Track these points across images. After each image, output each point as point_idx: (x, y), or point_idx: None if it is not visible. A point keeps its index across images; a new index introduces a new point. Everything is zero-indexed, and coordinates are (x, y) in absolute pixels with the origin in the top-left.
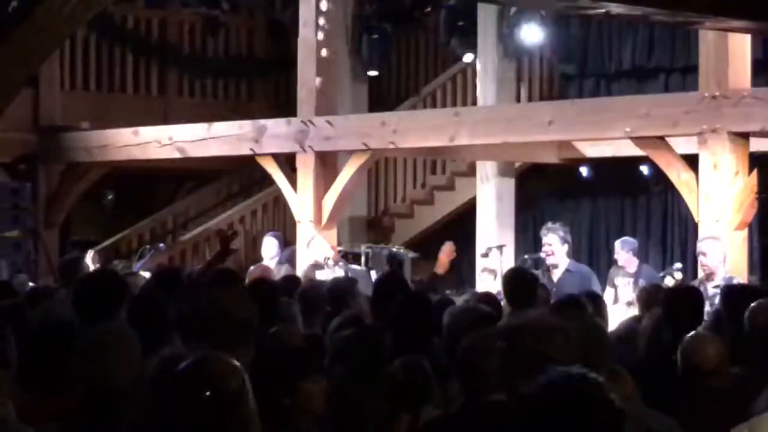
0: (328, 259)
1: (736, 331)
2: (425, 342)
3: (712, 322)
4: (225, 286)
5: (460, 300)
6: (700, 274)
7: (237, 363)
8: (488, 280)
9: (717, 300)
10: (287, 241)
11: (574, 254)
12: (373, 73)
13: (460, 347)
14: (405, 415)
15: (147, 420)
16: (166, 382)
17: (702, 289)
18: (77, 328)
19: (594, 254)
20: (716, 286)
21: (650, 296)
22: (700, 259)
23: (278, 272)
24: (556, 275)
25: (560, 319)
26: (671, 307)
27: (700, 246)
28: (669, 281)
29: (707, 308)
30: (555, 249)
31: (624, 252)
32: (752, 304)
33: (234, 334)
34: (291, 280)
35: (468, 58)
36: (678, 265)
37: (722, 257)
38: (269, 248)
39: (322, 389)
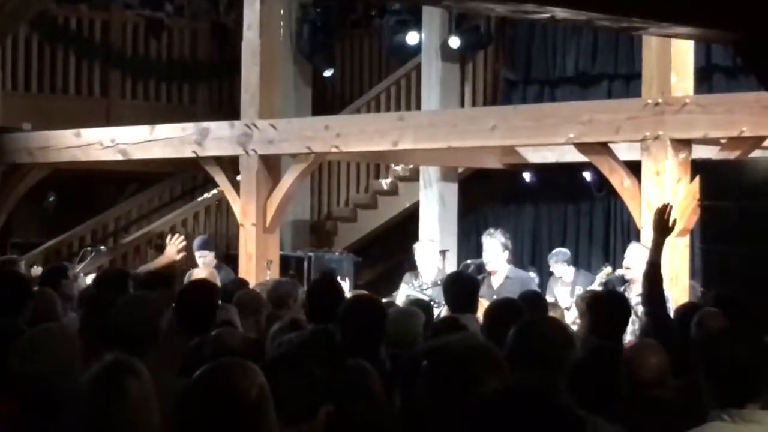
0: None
1: (681, 342)
2: (373, 346)
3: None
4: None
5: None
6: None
7: (257, 368)
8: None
9: (640, 309)
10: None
11: (516, 260)
12: (328, 73)
13: (405, 356)
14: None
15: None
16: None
17: (626, 294)
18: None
19: (536, 260)
20: (639, 294)
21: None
22: (625, 261)
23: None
24: (495, 282)
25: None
26: (595, 313)
27: (628, 250)
28: (600, 278)
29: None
30: (495, 255)
31: (558, 265)
32: (699, 313)
33: (130, 341)
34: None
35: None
36: (607, 266)
37: None
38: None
39: None
